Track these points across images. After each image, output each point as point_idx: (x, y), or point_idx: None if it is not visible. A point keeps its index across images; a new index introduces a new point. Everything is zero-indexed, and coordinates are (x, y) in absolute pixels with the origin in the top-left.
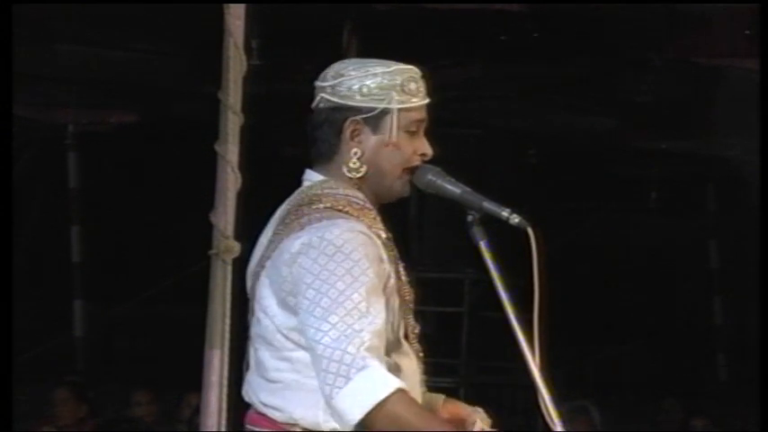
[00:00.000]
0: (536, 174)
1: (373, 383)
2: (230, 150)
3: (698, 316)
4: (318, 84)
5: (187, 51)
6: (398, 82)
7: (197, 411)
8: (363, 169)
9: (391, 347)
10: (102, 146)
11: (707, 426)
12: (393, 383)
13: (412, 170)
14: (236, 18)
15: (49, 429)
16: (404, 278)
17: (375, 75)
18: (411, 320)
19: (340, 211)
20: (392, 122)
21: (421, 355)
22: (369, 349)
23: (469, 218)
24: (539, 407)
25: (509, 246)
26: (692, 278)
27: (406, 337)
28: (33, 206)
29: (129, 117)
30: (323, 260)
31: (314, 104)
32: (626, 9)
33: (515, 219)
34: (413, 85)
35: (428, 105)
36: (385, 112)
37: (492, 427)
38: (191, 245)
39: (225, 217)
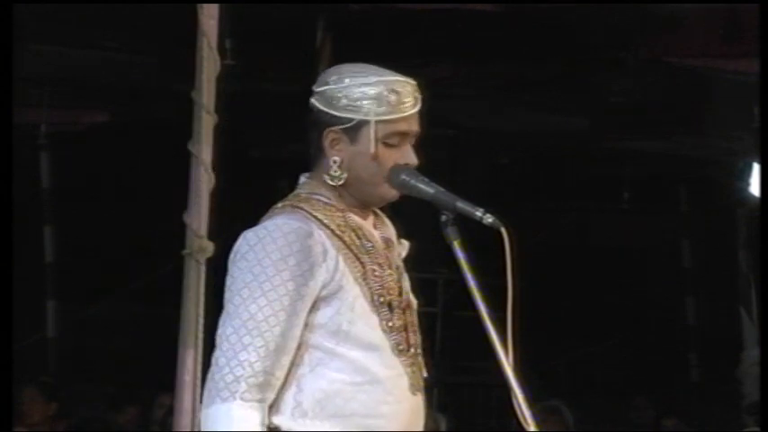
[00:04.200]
0: (508, 174)
1: (221, 419)
2: (204, 150)
3: (670, 316)
4: (313, 87)
5: (159, 50)
6: (377, 93)
7: (170, 412)
8: (344, 177)
9: (345, 342)
10: (75, 146)
11: (678, 425)
12: (234, 429)
13: None
14: (209, 17)
15: (19, 429)
16: (380, 273)
17: (354, 86)
18: (386, 314)
19: (295, 207)
20: (369, 134)
21: (402, 347)
22: (248, 378)
23: (443, 218)
24: (512, 407)
25: (482, 246)
26: (664, 278)
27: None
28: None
29: (102, 117)
30: (241, 264)
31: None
32: (598, 10)
33: (489, 219)
34: (393, 97)
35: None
36: (362, 123)
37: (466, 426)
38: (164, 245)
39: (198, 217)
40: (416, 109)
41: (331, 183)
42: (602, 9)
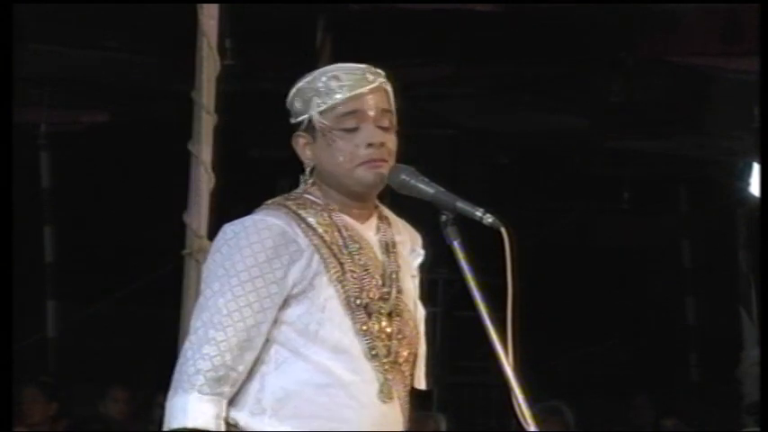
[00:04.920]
0: (508, 173)
1: (177, 410)
2: (204, 150)
3: (670, 316)
4: None
5: (159, 50)
6: (320, 86)
7: None
8: (312, 180)
9: (313, 343)
10: (75, 146)
11: (677, 425)
12: (188, 422)
13: (370, 160)
14: (209, 18)
15: (19, 429)
16: (359, 275)
17: (299, 88)
18: (362, 317)
19: (281, 204)
20: (320, 127)
21: (377, 353)
22: (207, 372)
23: (443, 218)
24: (512, 407)
25: (482, 245)
26: (664, 278)
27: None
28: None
29: (102, 117)
30: (216, 257)
31: None
32: (598, 9)
33: (489, 219)
34: (333, 83)
35: (399, 105)
36: (311, 119)
37: (466, 426)
38: (164, 244)
39: (198, 217)
40: (368, 87)
41: (305, 186)
42: (602, 9)
